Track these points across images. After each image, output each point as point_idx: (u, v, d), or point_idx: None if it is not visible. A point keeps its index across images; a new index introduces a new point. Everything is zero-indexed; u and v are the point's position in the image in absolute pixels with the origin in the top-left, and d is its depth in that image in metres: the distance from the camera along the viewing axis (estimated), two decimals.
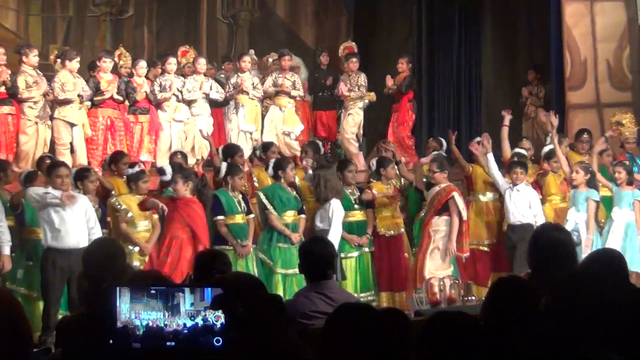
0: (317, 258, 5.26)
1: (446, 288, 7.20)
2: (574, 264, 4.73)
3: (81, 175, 8.76)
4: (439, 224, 9.25)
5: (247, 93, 12.09)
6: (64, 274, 7.95)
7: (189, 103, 11.85)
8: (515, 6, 13.95)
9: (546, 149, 10.60)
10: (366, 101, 12.58)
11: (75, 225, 8.10)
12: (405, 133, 12.66)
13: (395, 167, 10.02)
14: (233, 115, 12.14)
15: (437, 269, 8.96)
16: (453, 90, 14.01)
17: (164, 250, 8.75)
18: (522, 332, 3.36)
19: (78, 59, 11.32)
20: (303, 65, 13.81)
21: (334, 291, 5.19)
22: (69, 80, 11.06)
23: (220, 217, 8.98)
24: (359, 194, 9.54)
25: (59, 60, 12.16)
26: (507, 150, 10.38)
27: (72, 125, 11.04)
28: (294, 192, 9.48)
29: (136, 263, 8.46)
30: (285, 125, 12.14)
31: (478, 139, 10.27)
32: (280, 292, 8.68)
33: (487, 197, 10.06)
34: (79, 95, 11.06)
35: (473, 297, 7.16)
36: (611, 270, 4.33)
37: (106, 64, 11.54)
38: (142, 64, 11.96)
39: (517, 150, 10.50)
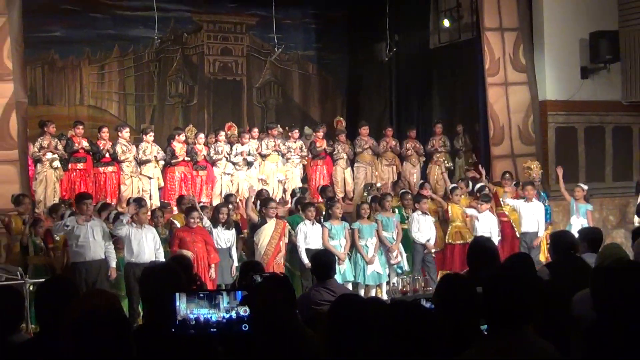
0: (323, 263, 5.34)
1: (411, 282, 7.23)
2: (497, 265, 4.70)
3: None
4: None
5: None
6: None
7: (234, 163, 11.82)
8: (454, 92, 13.98)
9: (477, 186, 10.72)
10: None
11: (147, 245, 8.15)
12: None
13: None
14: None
15: None
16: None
17: None
18: (463, 313, 3.31)
19: (152, 133, 11.43)
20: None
21: (335, 286, 5.31)
22: (147, 147, 11.20)
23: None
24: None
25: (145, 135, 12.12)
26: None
27: (150, 178, 11.12)
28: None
29: None
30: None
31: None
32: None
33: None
34: (154, 157, 11.19)
35: (430, 289, 7.11)
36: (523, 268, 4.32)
37: (181, 136, 11.63)
38: (201, 136, 11.90)
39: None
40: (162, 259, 8.12)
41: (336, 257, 8.19)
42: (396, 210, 10.01)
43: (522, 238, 10.09)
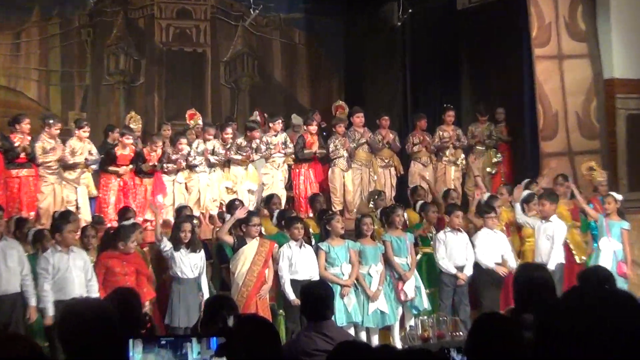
0: (316, 299, 5.26)
1: (435, 325, 7.18)
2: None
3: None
4: None
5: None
6: None
7: (191, 167, 11.74)
8: (489, 68, 13.97)
9: (524, 193, 10.63)
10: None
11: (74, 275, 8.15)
12: None
13: None
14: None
15: None
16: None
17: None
18: None
19: (88, 128, 11.37)
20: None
21: (332, 330, 5.21)
22: (77, 146, 11.19)
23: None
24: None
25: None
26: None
27: (76, 186, 11.12)
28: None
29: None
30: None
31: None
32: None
33: None
34: (85, 159, 11.15)
35: (461, 333, 7.08)
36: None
37: (128, 140, 11.42)
38: (159, 144, 11.65)
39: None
40: (95, 294, 8.05)
41: (335, 291, 8.19)
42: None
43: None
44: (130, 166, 11.37)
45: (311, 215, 11.10)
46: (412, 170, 12.86)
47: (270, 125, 12.40)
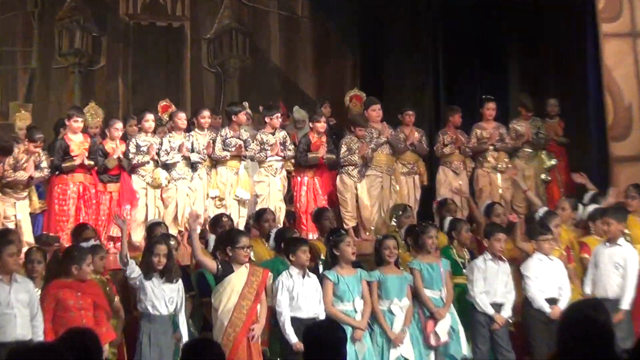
0: (323, 344, 5.15)
1: None
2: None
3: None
4: None
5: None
6: None
7: (168, 167, 11.67)
8: (545, 48, 13.95)
9: (589, 209, 10.68)
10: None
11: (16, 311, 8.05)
12: None
13: None
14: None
15: None
16: None
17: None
18: None
19: (41, 142, 11.11)
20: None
21: None
22: (24, 158, 10.94)
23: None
24: None
25: None
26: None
27: (16, 199, 10.99)
28: None
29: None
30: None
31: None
32: None
33: None
34: (29, 178, 10.89)
35: None
36: None
37: (77, 123, 11.35)
38: (118, 126, 11.66)
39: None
40: (41, 336, 7.97)
41: (348, 332, 8.10)
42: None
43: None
44: (90, 162, 11.24)
45: (317, 236, 11.08)
46: (440, 177, 12.88)
47: (266, 120, 12.31)
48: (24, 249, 9.70)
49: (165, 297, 8.68)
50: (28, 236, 10.90)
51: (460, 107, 13.25)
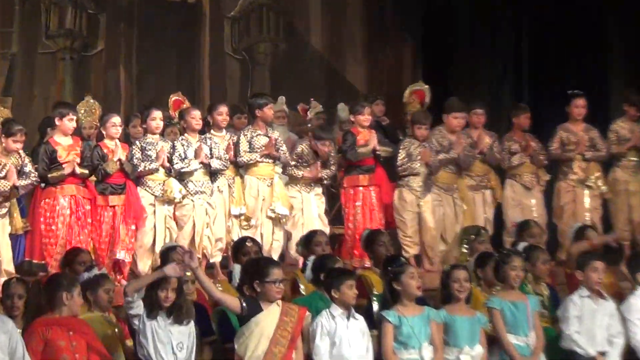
0: None
1: None
2: None
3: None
4: None
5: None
6: None
7: (182, 177, 11.72)
8: None
9: None
10: None
11: None
12: None
13: None
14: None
15: None
16: None
17: None
18: None
19: (21, 135, 11.18)
20: None
21: None
22: (2, 162, 11.01)
23: None
24: None
25: None
26: None
27: None
28: None
29: None
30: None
31: None
32: None
33: None
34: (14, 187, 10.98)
35: None
36: None
37: (72, 122, 11.38)
38: (115, 120, 11.65)
39: None
40: None
41: None
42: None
43: None
44: (83, 171, 11.29)
45: (368, 264, 11.09)
46: (507, 194, 13.02)
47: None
48: (2, 280, 9.80)
49: (172, 342, 8.57)
50: (7, 264, 10.96)
51: (547, 104, 13.36)
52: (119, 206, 11.53)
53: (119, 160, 11.42)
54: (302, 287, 10.08)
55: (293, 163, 12.26)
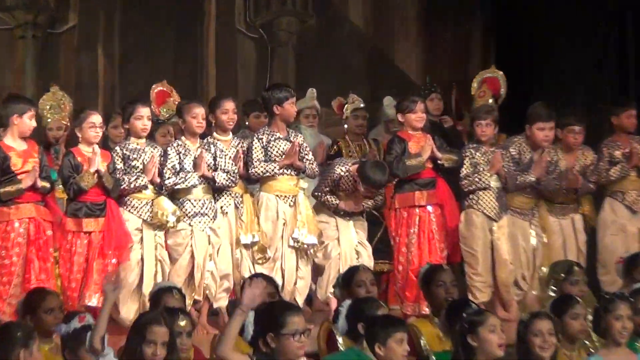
0: None
1: None
2: None
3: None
4: None
5: None
6: None
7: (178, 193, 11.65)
8: None
9: None
10: None
11: None
12: None
13: None
14: None
15: None
16: None
17: None
18: None
19: None
20: None
21: None
22: None
23: None
24: None
25: None
26: None
27: None
28: None
29: None
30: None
31: None
32: None
33: None
34: None
35: None
36: None
37: (32, 121, 11.29)
38: (94, 120, 11.50)
39: None
40: None
41: None
42: None
43: None
44: (44, 184, 11.13)
45: (426, 310, 10.98)
46: (605, 217, 13.08)
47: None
48: None
49: None
50: None
51: None
52: (96, 233, 11.35)
53: (97, 171, 11.22)
54: (339, 340, 9.81)
55: (327, 189, 12.13)
